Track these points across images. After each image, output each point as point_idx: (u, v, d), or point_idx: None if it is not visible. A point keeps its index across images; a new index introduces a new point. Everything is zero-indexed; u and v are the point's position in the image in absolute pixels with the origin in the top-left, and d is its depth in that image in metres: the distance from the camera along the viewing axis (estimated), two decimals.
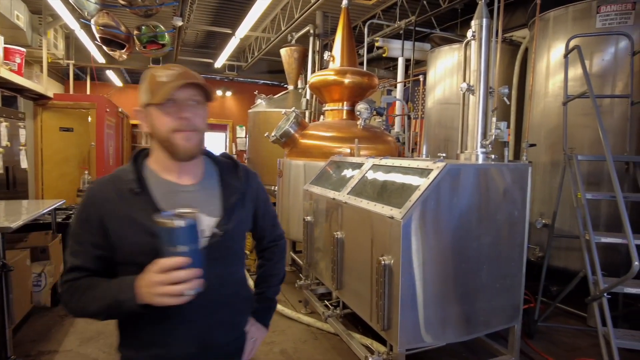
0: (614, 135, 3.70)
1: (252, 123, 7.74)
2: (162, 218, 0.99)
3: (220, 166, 1.34)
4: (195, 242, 1.02)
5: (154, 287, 1.01)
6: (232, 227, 1.25)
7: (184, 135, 1.16)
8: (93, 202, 1.17)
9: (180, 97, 1.15)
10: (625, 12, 3.69)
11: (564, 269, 3.98)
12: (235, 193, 1.30)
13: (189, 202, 1.18)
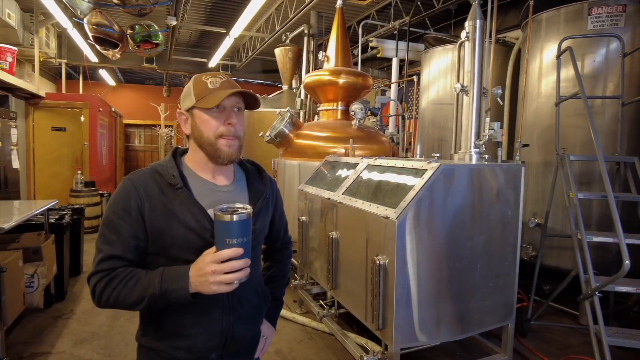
0: (605, 136, 3.74)
1: (246, 122, 7.69)
2: (220, 212, 1.07)
3: (247, 171, 1.42)
4: (248, 235, 1.10)
5: (210, 276, 1.06)
6: (257, 228, 1.32)
7: (227, 142, 1.23)
8: (133, 193, 1.20)
9: (227, 104, 1.22)
10: (616, 14, 3.73)
11: (557, 268, 4.02)
12: (261, 197, 1.37)
13: (224, 201, 1.26)
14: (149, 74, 12.72)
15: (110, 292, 1.15)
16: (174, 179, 1.21)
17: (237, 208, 1.10)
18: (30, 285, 3.71)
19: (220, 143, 1.22)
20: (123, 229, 1.18)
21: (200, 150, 1.26)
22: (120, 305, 1.16)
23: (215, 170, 1.30)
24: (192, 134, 1.26)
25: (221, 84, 1.23)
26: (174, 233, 1.18)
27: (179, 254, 1.18)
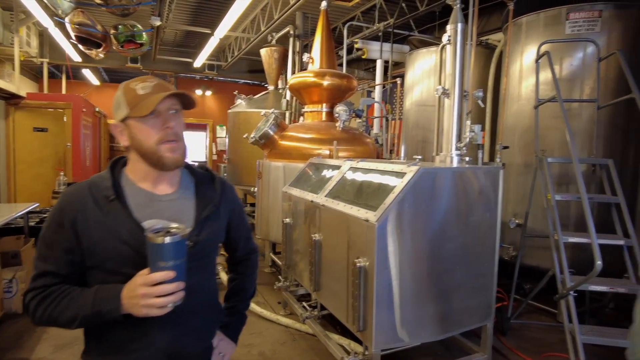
0: (582, 138, 3.83)
1: (232, 123, 7.70)
2: (151, 234, 1.04)
3: (197, 177, 1.36)
4: (182, 257, 1.07)
5: (141, 299, 1.05)
6: (203, 238, 1.26)
7: (170, 147, 1.18)
8: (67, 207, 1.17)
9: (162, 108, 1.18)
10: (592, 20, 3.82)
11: (536, 268, 4.10)
12: (209, 204, 1.31)
13: (164, 211, 1.21)
14: (134, 74, 12.58)
15: (44, 311, 1.14)
16: (108, 190, 1.18)
17: (170, 229, 1.07)
18: (8, 291, 3.66)
19: (163, 149, 1.17)
20: (57, 243, 1.16)
21: (142, 159, 1.21)
22: (54, 323, 1.15)
23: (157, 178, 1.24)
24: (132, 144, 1.20)
25: (153, 88, 1.18)
26: (108, 247, 1.15)
27: (116, 267, 1.14)
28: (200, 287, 1.29)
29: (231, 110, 7.70)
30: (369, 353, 2.51)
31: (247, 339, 3.54)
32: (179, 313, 1.15)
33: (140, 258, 1.09)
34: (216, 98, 13.69)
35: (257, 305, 4.09)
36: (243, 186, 7.21)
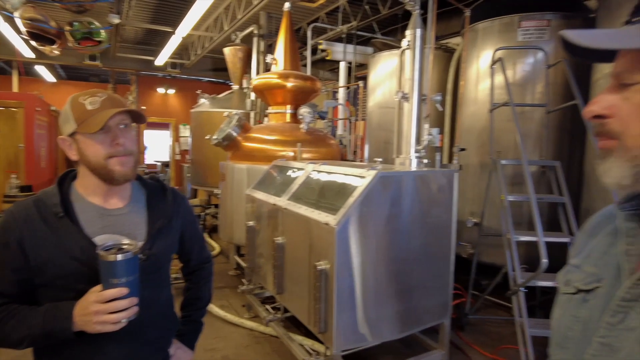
0: (533, 140, 4.03)
1: (195, 123, 7.58)
2: (102, 251, 1.04)
3: (148, 189, 1.36)
4: (134, 273, 1.08)
5: (94, 316, 1.05)
6: (156, 251, 1.27)
7: (120, 160, 1.17)
8: (12, 225, 1.14)
9: (112, 123, 1.16)
10: (541, 28, 4.02)
11: (492, 264, 4.28)
12: (161, 217, 1.31)
13: (115, 226, 1.21)
14: (93, 71, 12.12)
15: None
16: (57, 207, 1.15)
17: (122, 246, 1.07)
18: None
19: (112, 163, 1.17)
20: (3, 264, 1.13)
21: (91, 174, 1.20)
22: (2, 343, 1.12)
23: (108, 192, 1.23)
24: (80, 159, 1.19)
25: (102, 104, 1.16)
26: (58, 264, 1.13)
27: (68, 284, 1.13)
28: (155, 299, 1.30)
29: (194, 110, 7.58)
30: (330, 354, 2.56)
31: (211, 343, 3.52)
32: (135, 326, 1.15)
33: (93, 274, 1.09)
34: (179, 96, 13.40)
35: (221, 309, 4.06)
36: (207, 187, 7.12)
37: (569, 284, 0.81)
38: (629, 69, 0.65)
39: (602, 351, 0.68)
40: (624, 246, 0.72)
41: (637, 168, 0.64)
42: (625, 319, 0.66)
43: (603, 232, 0.80)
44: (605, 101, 0.68)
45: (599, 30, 0.67)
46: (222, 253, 6.17)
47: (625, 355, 0.64)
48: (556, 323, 0.81)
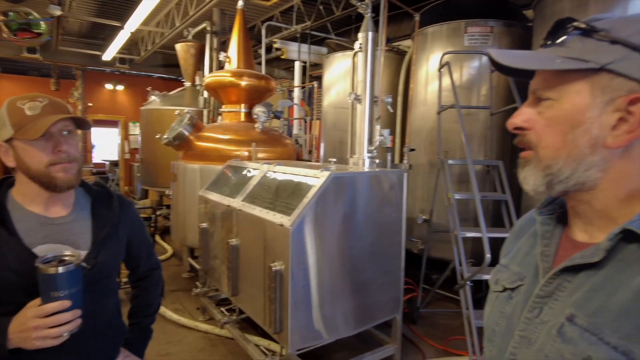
0: (479, 141, 4.24)
1: (145, 121, 7.33)
2: (42, 264, 0.99)
3: (92, 196, 1.31)
4: (77, 285, 1.03)
5: (33, 332, 1.00)
6: (101, 260, 1.23)
7: (63, 167, 1.13)
8: None
9: (54, 130, 1.11)
10: (485, 34, 4.24)
11: (442, 259, 4.47)
12: (107, 224, 1.27)
13: (57, 235, 1.16)
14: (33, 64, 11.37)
15: None
16: None
17: (64, 257, 1.03)
18: None
19: (54, 170, 1.12)
20: None
21: (31, 181, 1.14)
22: None
23: (49, 200, 1.18)
24: (19, 166, 1.13)
25: (42, 109, 1.11)
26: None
27: (5, 297, 1.08)
28: (101, 309, 1.27)
29: (144, 107, 7.33)
30: (286, 353, 2.58)
31: (165, 348, 3.43)
32: (80, 337, 1.11)
33: (32, 286, 1.04)
34: (129, 93, 12.86)
35: (175, 313, 3.97)
36: (158, 187, 6.91)
37: (498, 282, 0.88)
38: (543, 87, 0.73)
39: (521, 343, 0.75)
40: (541, 248, 0.80)
41: (549, 177, 0.72)
42: (540, 313, 0.73)
43: (527, 234, 0.87)
44: (524, 114, 0.75)
45: (520, 52, 0.74)
46: (175, 255, 6.02)
47: (539, 346, 0.71)
48: (486, 319, 0.88)
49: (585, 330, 0.64)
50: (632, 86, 0.64)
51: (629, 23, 0.66)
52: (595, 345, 0.62)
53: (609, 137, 0.66)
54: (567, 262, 0.71)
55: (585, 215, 0.73)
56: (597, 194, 0.69)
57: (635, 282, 0.61)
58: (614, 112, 0.65)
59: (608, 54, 0.65)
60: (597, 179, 0.68)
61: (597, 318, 0.63)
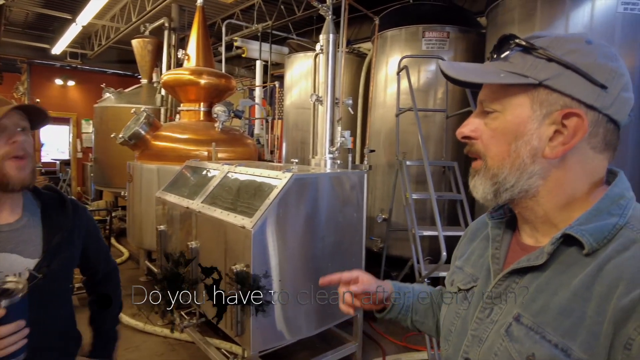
0: (435, 142, 4.39)
1: (99, 119, 7.04)
2: None
3: (43, 201, 1.24)
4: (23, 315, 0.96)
5: None
6: (54, 268, 1.18)
7: (17, 164, 1.07)
8: None
9: (7, 122, 1.06)
10: (442, 39, 4.39)
11: (401, 257, 4.59)
12: (60, 230, 1.21)
13: (4, 244, 1.10)
14: None
15: None
16: None
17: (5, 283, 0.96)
18: None
19: (8, 167, 1.06)
20: None
21: None
22: None
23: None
24: None
25: None
26: None
27: None
28: (54, 319, 1.21)
29: (98, 105, 7.03)
30: (248, 355, 2.57)
31: (123, 355, 3.32)
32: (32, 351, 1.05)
33: None
34: (81, 89, 12.26)
35: (132, 318, 3.85)
36: (113, 188, 6.66)
37: (454, 283, 0.93)
38: (489, 99, 0.77)
39: (473, 342, 0.79)
40: (492, 250, 0.85)
41: (496, 185, 0.76)
42: (491, 314, 0.78)
43: (480, 237, 0.92)
44: (472, 124, 0.80)
45: (469, 64, 0.79)
46: (132, 258, 5.82)
47: (489, 344, 0.76)
48: (443, 319, 0.92)
49: (530, 329, 0.69)
50: (566, 101, 0.69)
51: (563, 43, 0.71)
52: (538, 343, 0.67)
53: (547, 148, 0.71)
54: (515, 265, 0.76)
55: (530, 221, 0.78)
56: (539, 200, 0.74)
57: (574, 282, 0.66)
58: (551, 125, 0.70)
59: (545, 70, 0.69)
60: (538, 187, 0.73)
61: (540, 317, 0.68)
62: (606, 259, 0.64)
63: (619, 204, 0.69)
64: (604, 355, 0.60)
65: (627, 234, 0.66)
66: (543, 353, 0.66)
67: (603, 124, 0.70)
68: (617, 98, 0.69)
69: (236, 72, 8.12)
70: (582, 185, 0.72)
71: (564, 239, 0.69)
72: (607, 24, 3.12)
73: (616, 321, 0.59)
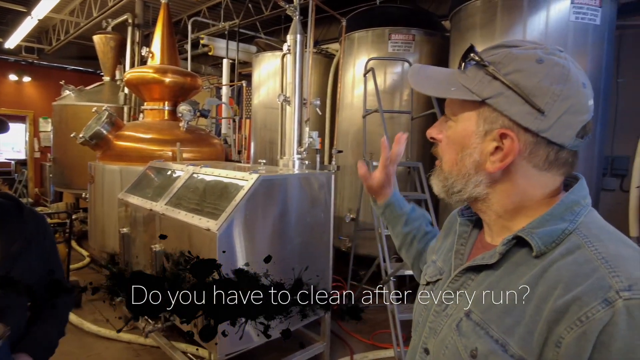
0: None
1: (58, 117, 6.76)
2: None
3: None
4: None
5: None
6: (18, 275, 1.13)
7: None
8: None
9: None
10: (408, 41, 4.48)
11: (368, 256, 4.64)
12: (18, 239, 1.16)
13: None
14: None
15: None
16: None
17: None
18: None
19: None
20: None
21: None
22: None
23: None
24: None
25: None
26: None
27: None
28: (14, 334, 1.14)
29: (57, 103, 6.75)
30: (215, 359, 2.54)
31: None
32: None
33: None
34: (38, 86, 11.70)
35: (94, 324, 3.73)
36: (73, 189, 6.42)
37: (425, 276, 0.96)
38: (449, 108, 0.81)
39: (430, 333, 0.83)
40: (456, 246, 0.88)
41: (446, 188, 0.81)
42: (446, 307, 0.81)
43: (452, 232, 0.96)
44: (437, 128, 0.84)
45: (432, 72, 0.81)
46: (93, 262, 5.62)
47: (442, 337, 0.79)
48: (414, 310, 0.96)
49: (477, 325, 0.72)
50: (504, 121, 0.71)
51: (513, 60, 0.71)
52: (482, 338, 0.70)
53: (488, 162, 0.74)
54: (471, 262, 0.80)
55: (486, 222, 0.83)
56: (490, 206, 0.78)
57: (520, 282, 0.69)
58: (492, 141, 0.73)
59: (489, 88, 0.72)
60: (488, 194, 0.77)
61: (487, 314, 0.72)
62: (551, 262, 0.67)
63: (573, 210, 0.72)
64: (537, 352, 0.64)
65: (574, 240, 0.68)
66: (485, 348, 0.69)
67: (543, 145, 0.71)
68: (557, 121, 0.69)
69: (203, 70, 7.98)
70: (532, 196, 0.75)
71: (517, 241, 0.73)
72: (561, 31, 3.28)
73: (550, 321, 0.63)
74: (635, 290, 0.59)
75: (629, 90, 4.31)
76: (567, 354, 0.60)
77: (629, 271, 0.61)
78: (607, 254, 0.64)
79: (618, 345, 0.57)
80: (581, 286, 0.61)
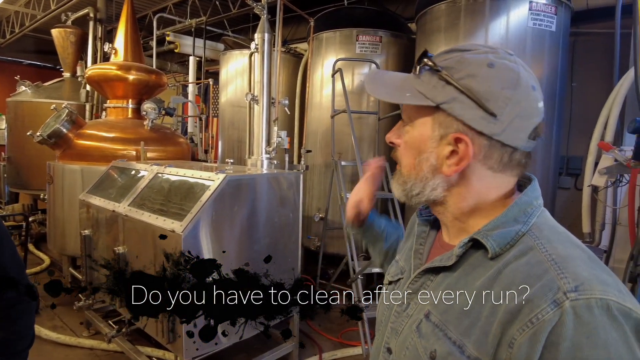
0: (369, 143, 4.53)
1: (13, 114, 6.42)
2: None
3: None
4: None
5: None
6: None
7: None
8: None
9: None
10: (375, 43, 4.54)
11: (337, 255, 4.68)
12: None
13: None
14: None
15: None
16: None
17: None
18: None
19: None
20: None
21: None
22: None
23: None
24: None
25: None
26: None
27: None
28: None
29: (11, 99, 6.42)
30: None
31: None
32: None
33: None
34: None
35: (53, 331, 3.58)
36: (31, 190, 6.13)
37: (388, 276, 0.97)
38: (405, 114, 0.82)
39: (392, 333, 0.84)
40: (415, 246, 0.90)
41: (405, 191, 0.82)
42: (407, 308, 0.83)
43: (413, 233, 0.97)
44: (396, 132, 0.85)
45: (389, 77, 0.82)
46: (53, 265, 5.40)
47: (403, 337, 0.81)
48: (377, 310, 0.97)
49: (436, 327, 0.74)
50: (459, 126, 0.72)
51: (466, 65, 0.72)
52: (441, 339, 0.72)
53: (444, 165, 0.75)
54: (429, 264, 0.81)
55: (444, 223, 0.84)
56: (447, 208, 0.80)
57: (477, 284, 0.71)
58: (447, 145, 0.74)
59: (442, 93, 0.73)
60: (445, 197, 0.79)
61: (445, 316, 0.73)
62: (506, 264, 0.69)
63: (526, 211, 0.74)
64: (491, 353, 0.65)
65: (527, 241, 0.71)
66: (443, 350, 0.71)
67: (497, 148, 0.72)
68: (510, 125, 0.70)
69: (168, 67, 7.81)
70: (487, 197, 0.77)
71: (473, 243, 0.74)
72: (520, 36, 3.41)
73: (504, 322, 0.65)
74: (581, 291, 0.61)
75: (581, 93, 4.54)
76: (519, 354, 0.62)
77: (576, 272, 0.63)
78: (557, 255, 0.66)
79: (566, 345, 0.59)
80: (533, 287, 0.64)
